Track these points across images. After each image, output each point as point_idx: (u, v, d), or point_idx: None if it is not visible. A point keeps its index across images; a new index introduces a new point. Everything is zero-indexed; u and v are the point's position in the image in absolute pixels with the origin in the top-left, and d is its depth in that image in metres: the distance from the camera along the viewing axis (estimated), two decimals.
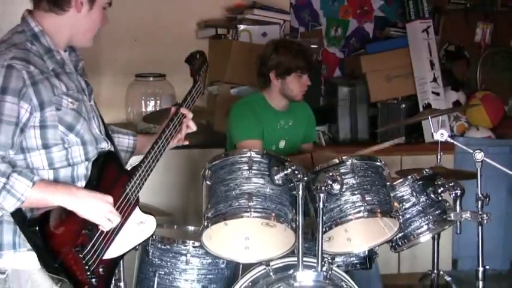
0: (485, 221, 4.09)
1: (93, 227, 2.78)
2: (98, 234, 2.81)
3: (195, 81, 3.43)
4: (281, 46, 4.76)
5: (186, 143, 3.41)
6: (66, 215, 2.73)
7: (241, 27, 5.91)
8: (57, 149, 2.78)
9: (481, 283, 4.09)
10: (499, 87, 6.54)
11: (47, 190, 2.68)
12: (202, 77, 3.51)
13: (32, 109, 2.67)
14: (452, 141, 4.45)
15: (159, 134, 3.16)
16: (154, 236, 3.71)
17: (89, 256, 2.77)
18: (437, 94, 6.17)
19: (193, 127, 3.30)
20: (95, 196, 2.78)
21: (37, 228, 2.65)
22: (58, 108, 2.74)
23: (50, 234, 2.69)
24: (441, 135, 4.42)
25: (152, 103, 5.81)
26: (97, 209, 2.77)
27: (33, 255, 2.72)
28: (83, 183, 2.87)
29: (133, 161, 3.18)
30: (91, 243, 2.79)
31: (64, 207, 2.71)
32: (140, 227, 3.03)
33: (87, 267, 2.77)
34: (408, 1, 6.28)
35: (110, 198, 2.81)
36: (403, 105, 6.14)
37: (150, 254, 3.81)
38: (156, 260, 3.80)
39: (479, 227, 4.11)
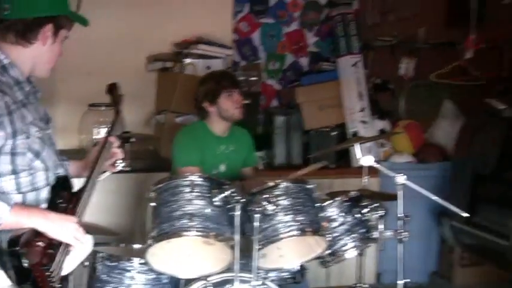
0: (405, 239, 4.13)
1: (56, 246, 2.79)
2: (59, 252, 2.81)
3: (118, 111, 3.39)
4: (204, 78, 4.87)
5: (118, 169, 3.39)
6: (37, 236, 2.73)
7: (187, 61, 5.91)
8: (24, 174, 2.80)
9: None
10: (420, 116, 6.59)
11: (22, 213, 2.70)
12: (121, 106, 3.45)
13: (7, 137, 2.69)
14: (377, 165, 4.49)
15: (94, 161, 3.15)
16: (102, 254, 3.73)
17: (53, 273, 2.77)
18: (365, 123, 6.21)
19: (119, 154, 3.29)
20: (62, 218, 2.80)
21: (18, 248, 2.67)
22: (27, 136, 2.77)
23: (24, 253, 2.70)
24: (367, 160, 4.48)
25: (103, 130, 5.79)
26: (66, 229, 2.78)
27: (1, 274, 2.72)
28: (45, 206, 2.89)
29: None
30: (54, 261, 2.79)
31: (35, 229, 2.72)
32: (82, 246, 3.01)
33: (51, 284, 2.77)
34: (339, 38, 6.33)
35: (75, 219, 2.83)
36: (334, 133, 6.17)
37: (98, 270, 3.77)
38: (104, 276, 3.75)
39: (400, 244, 4.14)
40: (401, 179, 4.10)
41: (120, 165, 3.50)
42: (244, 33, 6.39)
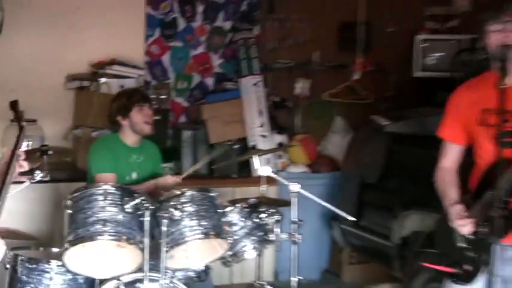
0: (298, 241, 4.20)
1: None
2: None
3: (22, 127, 3.30)
4: (117, 94, 4.92)
5: (36, 179, 3.24)
6: None
7: (102, 80, 5.83)
8: None
9: None
10: (314, 131, 6.65)
11: None
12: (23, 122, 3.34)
13: None
14: (273, 175, 4.57)
15: (5, 173, 3.04)
16: (22, 257, 3.68)
17: None
18: (264, 137, 6.23)
19: (25, 166, 3.19)
20: None
21: None
22: None
23: None
24: (265, 170, 4.56)
25: (24, 144, 5.70)
26: None
27: None
28: None
29: None
30: None
31: None
32: None
33: None
34: (242, 60, 6.35)
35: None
36: (236, 146, 6.18)
37: (19, 272, 3.69)
38: (24, 277, 3.67)
39: (294, 246, 4.20)
40: (295, 187, 4.18)
41: (39, 176, 3.50)
42: (155, 55, 6.29)
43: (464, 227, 3.04)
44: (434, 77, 6.36)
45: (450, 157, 3.31)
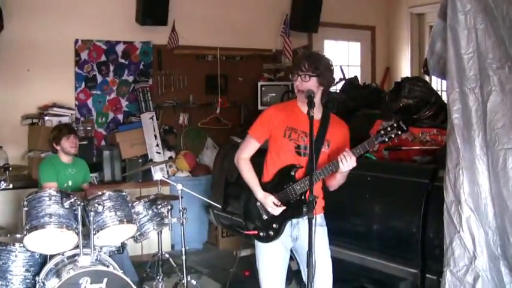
0: (184, 223, 4.26)
1: None
2: None
3: None
4: (53, 128, 4.86)
5: (1, 187, 3.33)
6: None
7: (47, 118, 5.75)
8: None
9: (184, 256, 4.22)
10: (193, 149, 6.65)
11: None
12: None
13: None
14: (165, 179, 4.63)
15: None
16: None
17: None
18: (159, 153, 6.22)
19: None
20: None
21: None
22: None
23: None
24: (158, 176, 4.61)
25: None
26: None
27: None
28: None
29: None
30: None
31: None
32: None
33: None
34: (141, 101, 6.31)
35: None
36: (140, 160, 6.15)
37: None
38: None
39: (181, 226, 4.28)
40: (179, 186, 4.24)
41: (3, 185, 3.42)
42: (82, 100, 6.15)
43: (277, 211, 3.05)
44: None
45: (250, 150, 3.19)
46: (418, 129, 4.26)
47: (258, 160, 3.22)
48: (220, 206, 4.73)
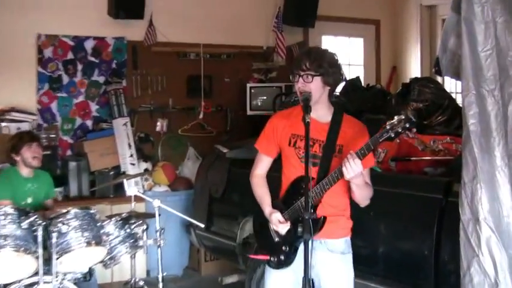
0: (161, 245, 4.25)
1: None
2: None
3: None
4: (12, 136, 4.83)
5: None
6: None
7: (3, 124, 5.72)
8: None
9: (161, 284, 4.23)
10: (172, 159, 6.67)
11: None
12: None
13: None
14: (139, 194, 4.60)
15: None
16: None
17: None
18: (133, 164, 6.21)
19: None
20: None
21: None
22: None
23: None
24: (132, 191, 4.59)
25: None
26: None
27: None
28: None
29: None
30: None
31: None
32: None
33: None
34: (114, 106, 6.31)
35: None
36: (112, 172, 6.14)
37: None
38: None
39: (159, 249, 4.26)
40: (157, 203, 4.21)
41: None
42: (45, 103, 6.13)
43: (283, 228, 3.07)
44: (260, 114, 6.54)
45: (263, 166, 3.26)
46: (429, 136, 4.26)
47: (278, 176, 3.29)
48: (203, 226, 4.71)
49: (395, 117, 2.76)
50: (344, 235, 3.17)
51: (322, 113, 3.10)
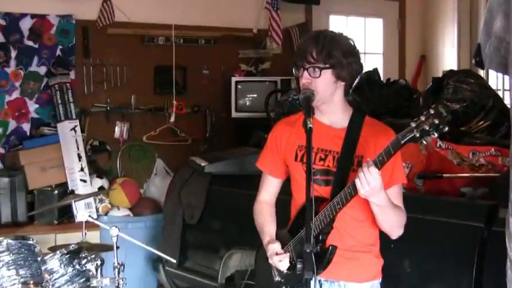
0: (121, 285, 4.21)
1: None
2: None
3: None
4: None
5: None
6: None
7: None
8: None
9: None
10: (135, 174, 6.71)
11: None
12: None
13: None
14: (92, 220, 4.58)
15: None
16: None
17: None
18: (85, 181, 6.18)
19: None
20: None
21: None
22: None
23: None
24: (83, 216, 4.58)
25: None
26: None
27: None
28: None
29: None
30: None
31: None
32: None
33: None
34: (58, 105, 6.30)
35: None
36: (56, 191, 6.10)
37: None
38: None
39: None
40: (114, 231, 4.20)
41: None
42: None
43: (282, 263, 3.05)
44: (249, 117, 6.59)
45: (268, 190, 3.33)
46: (468, 147, 4.28)
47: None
48: (175, 261, 4.72)
49: (423, 114, 2.73)
50: (370, 278, 3.16)
51: (336, 116, 3.12)
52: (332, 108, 3.11)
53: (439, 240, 3.74)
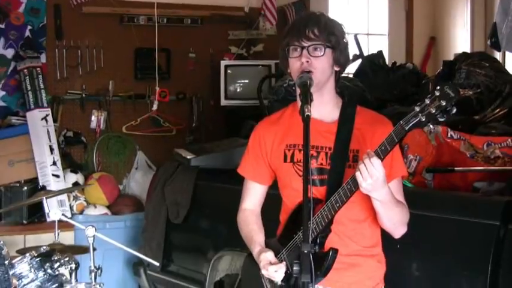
0: None
1: None
2: None
3: None
4: None
5: None
6: None
7: None
8: None
9: None
10: (114, 169, 6.75)
11: None
12: None
13: None
14: (66, 219, 4.56)
15: None
16: None
17: None
18: (57, 176, 6.19)
19: None
20: None
21: None
22: None
23: None
24: (55, 214, 4.57)
25: None
26: None
27: None
28: None
29: None
30: None
31: None
32: None
33: None
34: (28, 92, 6.29)
35: None
36: (25, 188, 6.10)
37: None
38: None
39: None
40: (91, 231, 4.16)
41: None
42: None
43: (277, 273, 2.97)
44: (240, 105, 6.60)
45: (252, 198, 3.33)
46: (482, 138, 4.29)
47: None
48: (157, 264, 4.72)
49: (428, 96, 2.72)
50: (372, 286, 3.16)
51: (326, 109, 3.12)
52: (324, 99, 3.11)
53: (451, 240, 3.73)
